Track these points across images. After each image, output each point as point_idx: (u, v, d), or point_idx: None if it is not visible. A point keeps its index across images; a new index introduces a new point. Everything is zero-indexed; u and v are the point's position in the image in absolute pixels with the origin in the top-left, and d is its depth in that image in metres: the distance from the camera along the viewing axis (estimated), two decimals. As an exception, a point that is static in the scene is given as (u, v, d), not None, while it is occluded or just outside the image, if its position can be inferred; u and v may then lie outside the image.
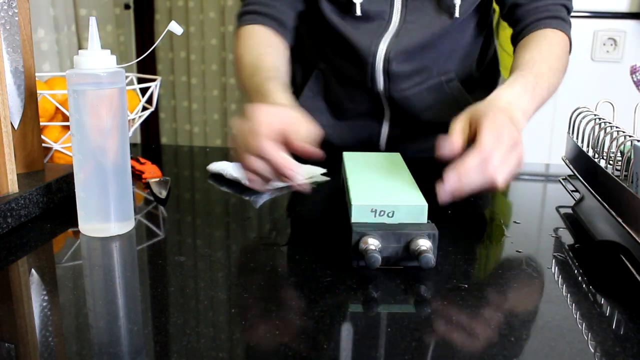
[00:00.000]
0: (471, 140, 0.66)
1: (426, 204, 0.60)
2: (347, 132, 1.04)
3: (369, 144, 1.03)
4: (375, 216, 0.60)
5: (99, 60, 0.63)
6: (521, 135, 0.66)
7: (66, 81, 0.64)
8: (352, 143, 1.03)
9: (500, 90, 0.75)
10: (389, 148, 1.03)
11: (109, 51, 0.65)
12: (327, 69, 1.01)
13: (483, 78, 1.05)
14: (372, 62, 0.93)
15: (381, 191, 0.64)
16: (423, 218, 0.60)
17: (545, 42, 0.86)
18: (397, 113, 1.00)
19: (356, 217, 0.60)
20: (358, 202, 0.60)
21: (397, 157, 0.80)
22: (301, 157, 0.67)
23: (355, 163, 0.76)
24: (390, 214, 0.59)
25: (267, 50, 0.90)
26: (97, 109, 0.64)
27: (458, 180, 0.61)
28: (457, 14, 0.90)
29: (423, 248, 0.55)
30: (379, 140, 1.03)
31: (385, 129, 1.02)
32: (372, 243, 0.56)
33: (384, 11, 0.92)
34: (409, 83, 0.96)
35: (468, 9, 0.93)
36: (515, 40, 0.93)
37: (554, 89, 0.84)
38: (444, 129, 0.71)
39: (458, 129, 0.67)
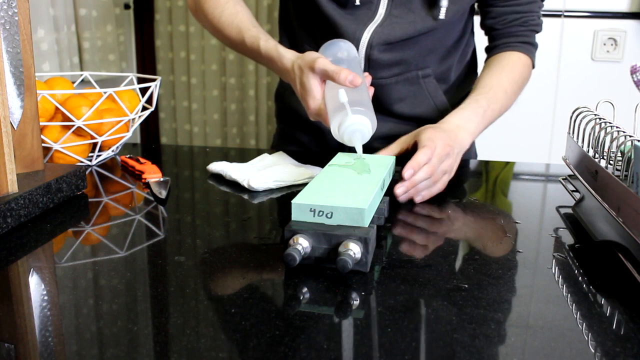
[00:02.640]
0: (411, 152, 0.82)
1: (365, 208, 0.58)
2: None
3: None
4: (314, 216, 0.59)
5: None
6: (457, 149, 0.84)
7: None
8: (327, 129, 1.07)
9: (450, 115, 0.90)
10: None
11: None
12: (313, 50, 1.04)
13: (461, 78, 1.11)
14: (356, 48, 0.98)
15: (330, 192, 0.63)
16: (363, 221, 0.58)
17: (507, 67, 1.01)
18: (377, 105, 1.05)
19: (296, 215, 0.60)
20: (298, 201, 0.60)
21: (387, 160, 0.79)
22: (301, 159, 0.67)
23: (337, 163, 0.75)
24: (329, 215, 0.59)
25: (237, 8, 1.01)
26: None
27: (413, 173, 0.76)
28: (442, 16, 0.97)
29: (345, 251, 0.55)
30: None
31: None
32: (301, 243, 0.56)
33: (370, 2, 0.99)
34: (388, 72, 1.02)
35: (453, 15, 0.99)
36: (488, 52, 1.07)
37: (507, 107, 1.01)
38: (413, 123, 0.91)
39: (400, 141, 0.86)
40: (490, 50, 1.07)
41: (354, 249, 0.55)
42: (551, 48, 2.14)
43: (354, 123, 0.76)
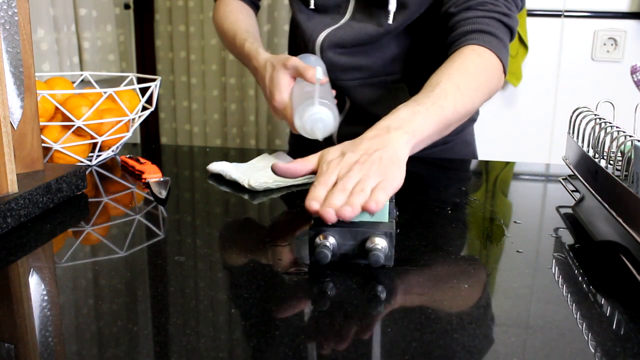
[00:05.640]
0: None
1: (386, 204, 0.60)
2: None
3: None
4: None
5: None
6: (377, 148, 0.66)
7: None
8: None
9: (381, 119, 0.73)
10: (341, 138, 1.04)
11: None
12: None
13: None
14: (312, 49, 1.03)
15: None
16: (384, 217, 0.60)
17: (458, 61, 0.83)
18: (353, 105, 1.09)
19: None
20: None
21: None
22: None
23: None
24: None
25: (239, 17, 1.10)
26: None
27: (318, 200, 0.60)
28: (389, 21, 0.97)
29: (374, 246, 0.56)
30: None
31: (341, 119, 1.11)
32: (328, 239, 0.57)
33: (339, 6, 1.02)
34: (347, 75, 1.03)
35: (404, 22, 0.98)
36: (447, 55, 0.89)
37: (470, 104, 0.81)
38: None
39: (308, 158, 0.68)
40: (447, 52, 0.90)
41: (381, 244, 0.56)
42: (551, 48, 2.14)
43: (319, 112, 0.78)
